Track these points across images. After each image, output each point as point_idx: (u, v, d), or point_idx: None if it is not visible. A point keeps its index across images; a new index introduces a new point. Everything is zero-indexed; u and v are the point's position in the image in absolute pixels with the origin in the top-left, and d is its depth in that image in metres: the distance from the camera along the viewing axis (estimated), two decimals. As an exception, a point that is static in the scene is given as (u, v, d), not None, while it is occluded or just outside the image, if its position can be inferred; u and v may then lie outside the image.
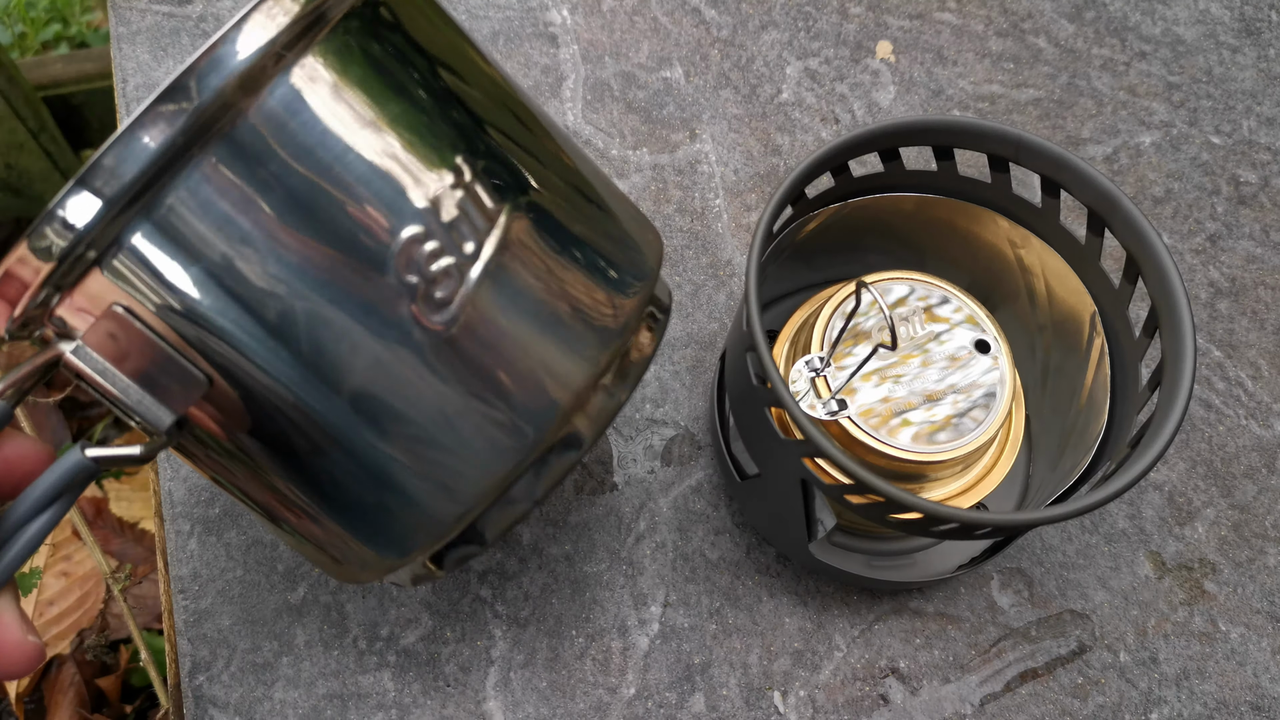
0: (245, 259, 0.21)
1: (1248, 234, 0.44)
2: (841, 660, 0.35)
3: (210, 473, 0.26)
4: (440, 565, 0.26)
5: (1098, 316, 0.33)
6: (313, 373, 0.21)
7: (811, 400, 0.31)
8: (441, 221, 0.21)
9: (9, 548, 0.23)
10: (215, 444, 0.24)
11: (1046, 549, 0.37)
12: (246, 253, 0.21)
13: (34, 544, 0.23)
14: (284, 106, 0.20)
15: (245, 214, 0.20)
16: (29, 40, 0.96)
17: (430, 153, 0.22)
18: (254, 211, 0.20)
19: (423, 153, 0.22)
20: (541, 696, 0.34)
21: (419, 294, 0.21)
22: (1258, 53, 0.48)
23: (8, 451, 0.24)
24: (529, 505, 0.25)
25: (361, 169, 0.21)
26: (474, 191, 0.22)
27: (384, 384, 0.22)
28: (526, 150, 0.24)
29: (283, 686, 0.34)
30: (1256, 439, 0.40)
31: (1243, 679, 0.36)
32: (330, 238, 0.21)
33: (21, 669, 0.23)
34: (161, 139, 0.19)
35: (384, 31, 0.22)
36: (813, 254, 0.37)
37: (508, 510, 0.25)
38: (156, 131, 0.19)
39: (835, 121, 0.45)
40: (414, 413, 0.22)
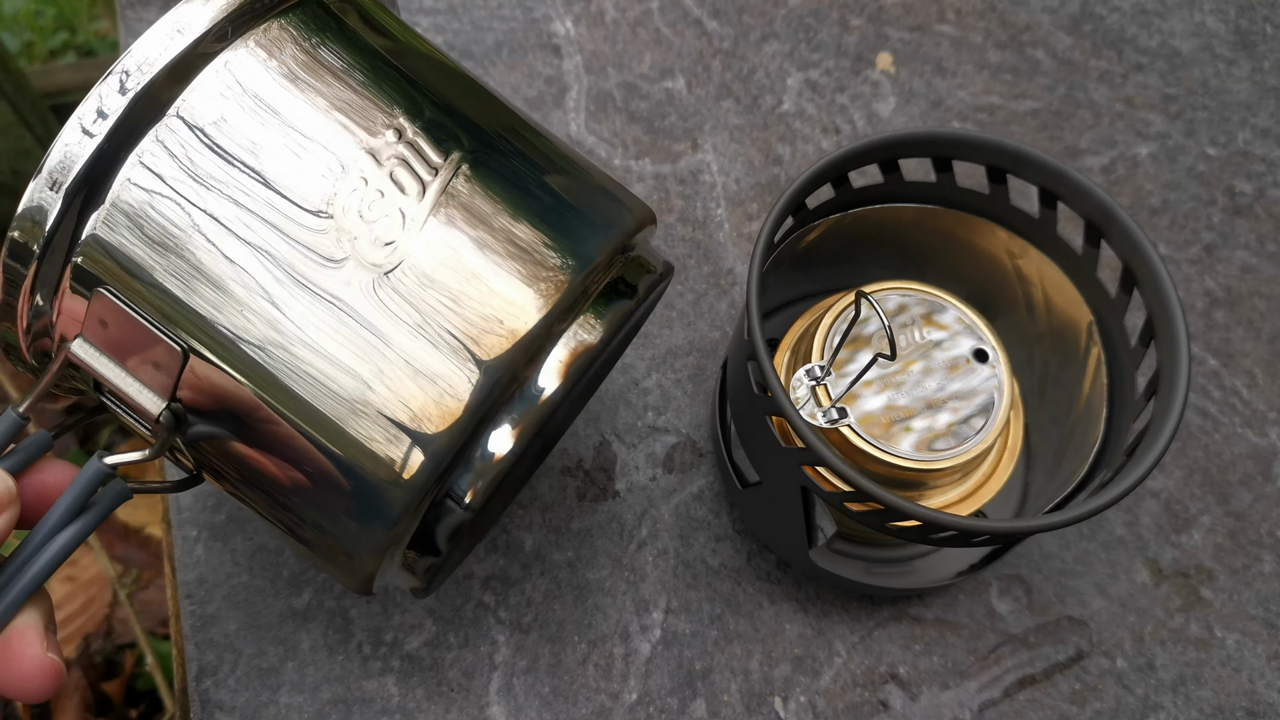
0: (199, 228, 0.22)
1: (1243, 244, 0.44)
2: (842, 666, 0.36)
3: (213, 473, 0.26)
4: (433, 546, 0.25)
5: (1095, 326, 0.33)
6: (271, 327, 0.22)
7: (812, 409, 0.31)
8: (385, 172, 0.23)
9: (35, 560, 0.23)
10: (209, 438, 0.25)
11: (1045, 556, 0.38)
12: (200, 222, 0.22)
13: (61, 556, 0.24)
14: (220, 91, 0.23)
15: (193, 188, 0.22)
16: (36, 48, 0.96)
17: (372, 113, 0.24)
18: (200, 185, 0.22)
19: (364, 115, 0.23)
20: (544, 702, 0.35)
21: (364, 239, 0.23)
22: (1253, 65, 0.48)
23: (46, 477, 0.25)
24: (508, 465, 0.24)
25: (304, 132, 0.23)
26: (417, 145, 0.24)
27: (334, 329, 0.22)
28: (468, 112, 0.26)
29: (288, 691, 0.34)
30: (1252, 447, 0.40)
31: (1238, 685, 0.36)
32: (276, 194, 0.22)
33: (39, 686, 0.23)
34: (106, 128, 0.22)
35: (325, 18, 0.25)
36: (813, 263, 0.38)
37: (484, 470, 0.24)
38: (101, 124, 0.22)
39: (836, 132, 0.46)
40: (367, 355, 0.22)
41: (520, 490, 0.37)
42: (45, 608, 0.24)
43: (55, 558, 0.23)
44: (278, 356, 0.22)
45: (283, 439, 0.23)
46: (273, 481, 0.24)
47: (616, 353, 0.33)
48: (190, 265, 0.22)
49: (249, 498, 0.26)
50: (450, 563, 0.28)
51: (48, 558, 0.23)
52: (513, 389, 0.24)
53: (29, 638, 0.23)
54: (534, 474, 0.38)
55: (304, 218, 0.23)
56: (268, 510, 0.26)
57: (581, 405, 0.36)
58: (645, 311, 0.29)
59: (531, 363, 0.24)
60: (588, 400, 0.38)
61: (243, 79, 0.23)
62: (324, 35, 0.24)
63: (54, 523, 0.23)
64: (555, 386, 0.24)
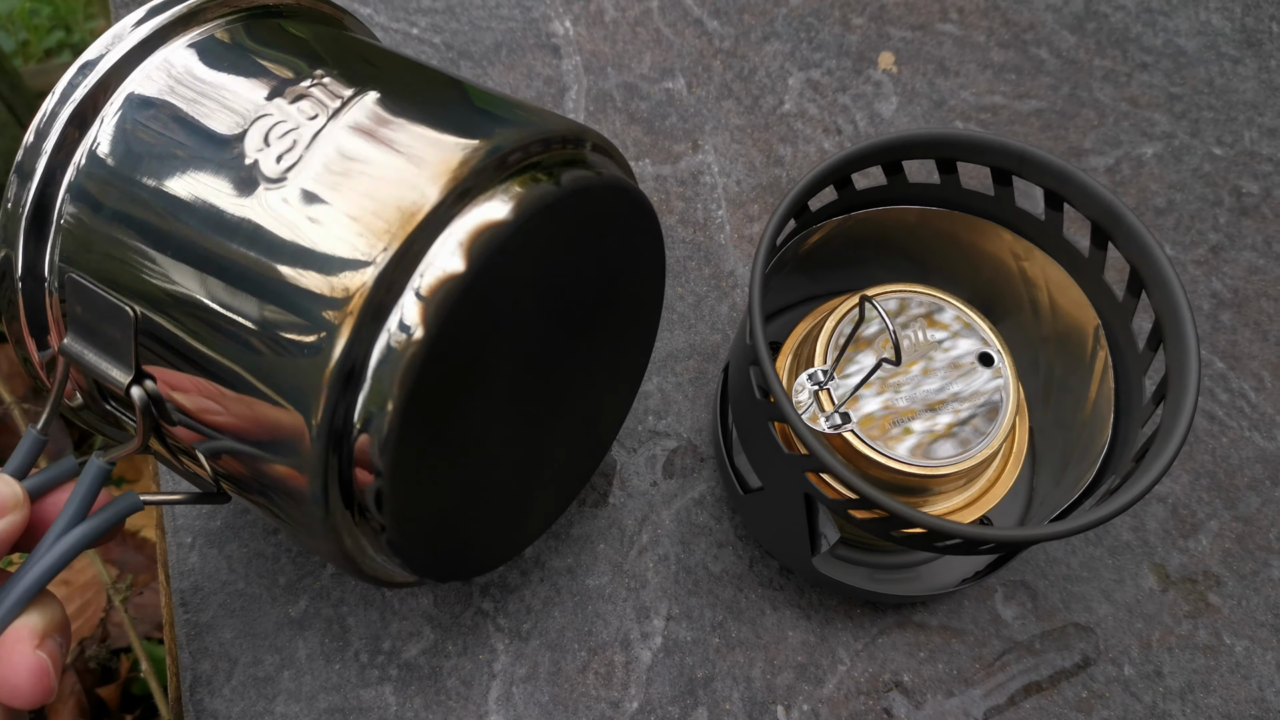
0: (140, 194, 0.24)
1: (1250, 245, 0.44)
2: (845, 674, 0.35)
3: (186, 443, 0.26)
4: (369, 464, 0.24)
5: (1101, 330, 0.33)
6: (197, 257, 0.24)
7: (815, 414, 0.31)
8: (294, 108, 0.24)
9: (38, 562, 0.23)
10: (176, 409, 0.25)
11: (1050, 562, 0.37)
12: (141, 188, 0.24)
13: (66, 558, 0.24)
14: (156, 75, 0.26)
15: (134, 160, 0.25)
16: (32, 47, 0.96)
17: (290, 69, 0.26)
18: (140, 156, 0.25)
19: (281, 71, 0.25)
20: (544, 710, 0.34)
21: (266, 158, 0.24)
22: (1259, 64, 0.48)
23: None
24: (422, 349, 0.22)
25: (227, 93, 0.25)
26: (326, 84, 0.25)
27: (251, 238, 0.23)
28: (387, 65, 0.27)
29: (284, 700, 0.34)
30: (1260, 451, 0.39)
31: (1248, 692, 0.35)
32: (199, 144, 0.24)
33: (26, 688, 0.23)
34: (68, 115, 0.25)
35: (250, 22, 0.27)
36: (815, 266, 0.37)
37: (395, 357, 0.22)
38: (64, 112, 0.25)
39: (838, 132, 0.45)
40: (277, 255, 0.23)
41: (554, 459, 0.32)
42: (51, 614, 0.24)
43: (58, 559, 0.24)
44: (200, 275, 0.23)
45: (219, 359, 0.24)
46: (225, 412, 0.24)
47: (592, 266, 0.29)
48: (132, 227, 0.24)
49: (201, 425, 0.25)
50: (412, 501, 0.25)
51: (50, 559, 0.24)
52: (410, 265, 0.23)
53: (22, 636, 0.23)
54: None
55: (220, 155, 0.24)
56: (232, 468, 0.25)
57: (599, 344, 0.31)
58: (593, 215, 0.27)
59: (432, 240, 0.23)
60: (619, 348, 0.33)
61: (176, 63, 0.26)
62: (255, 27, 0.27)
63: (61, 527, 0.24)
64: (459, 265, 0.23)
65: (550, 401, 0.30)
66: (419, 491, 0.25)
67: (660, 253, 0.32)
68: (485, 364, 0.25)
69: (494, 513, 0.30)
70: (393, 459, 0.23)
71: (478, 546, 0.30)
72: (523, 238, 0.24)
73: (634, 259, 0.30)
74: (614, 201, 0.28)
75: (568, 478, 0.34)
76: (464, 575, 0.31)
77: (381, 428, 0.22)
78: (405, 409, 0.23)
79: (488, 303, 0.24)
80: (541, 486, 0.32)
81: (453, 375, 0.24)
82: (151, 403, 0.25)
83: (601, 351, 0.32)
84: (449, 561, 0.29)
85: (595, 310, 0.30)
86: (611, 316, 0.31)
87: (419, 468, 0.25)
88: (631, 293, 0.32)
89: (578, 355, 0.30)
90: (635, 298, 0.32)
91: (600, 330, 0.31)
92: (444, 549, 0.28)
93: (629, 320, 0.32)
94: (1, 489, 0.24)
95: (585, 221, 0.27)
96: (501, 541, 0.32)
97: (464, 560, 0.30)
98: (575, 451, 0.34)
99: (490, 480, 0.29)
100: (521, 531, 0.33)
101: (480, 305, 0.24)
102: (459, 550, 0.29)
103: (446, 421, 0.25)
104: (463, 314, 0.23)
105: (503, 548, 0.32)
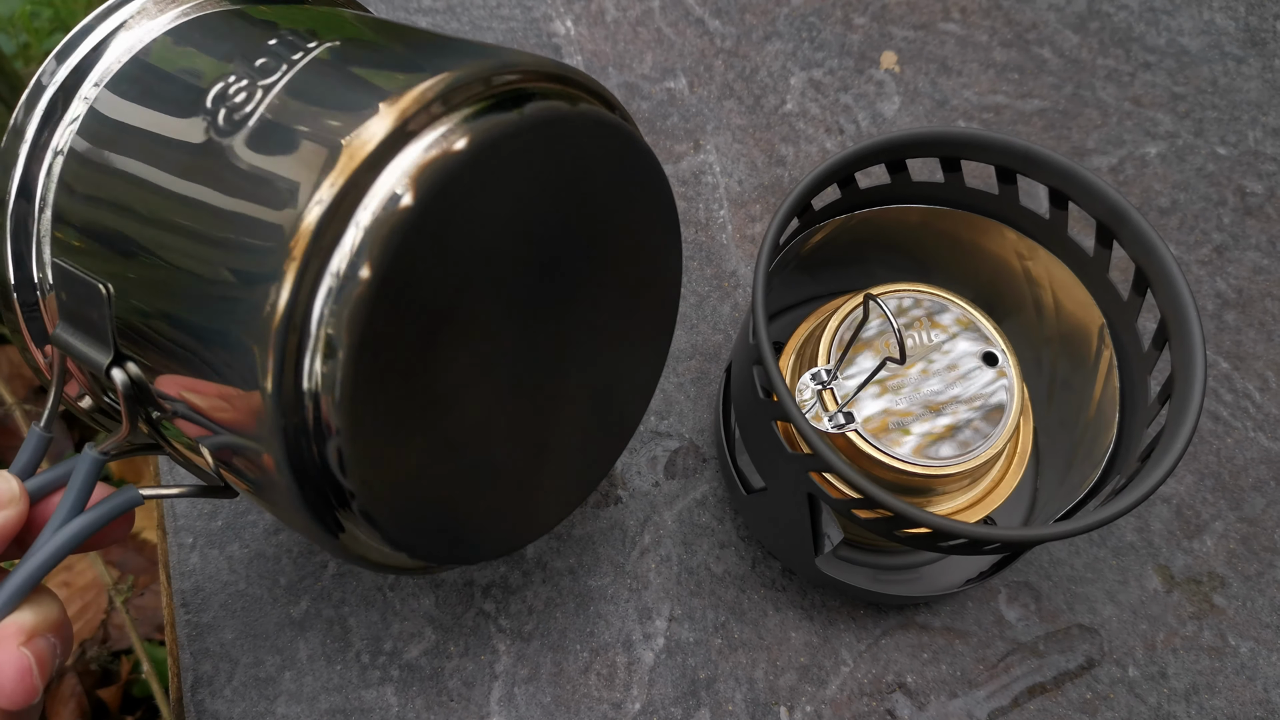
0: (110, 163, 0.24)
1: (1254, 245, 0.43)
2: (848, 675, 0.35)
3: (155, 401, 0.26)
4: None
5: (1106, 329, 0.32)
6: (157, 224, 0.23)
7: (818, 413, 0.31)
8: (252, 65, 0.24)
9: (34, 554, 0.23)
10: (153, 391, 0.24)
11: (1054, 563, 0.37)
12: (111, 156, 0.24)
13: (63, 551, 0.24)
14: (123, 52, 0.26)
15: (110, 138, 0.25)
16: (33, 50, 0.96)
17: (256, 33, 0.25)
18: (110, 129, 0.25)
19: (248, 38, 0.25)
20: (546, 712, 0.34)
21: (221, 115, 0.24)
22: (1263, 63, 0.48)
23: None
24: (370, 289, 0.21)
25: (190, 65, 0.25)
26: (286, 40, 0.25)
27: (201, 194, 0.23)
28: (338, 19, 0.27)
29: (285, 701, 0.34)
30: (1265, 451, 0.39)
31: (1253, 694, 0.35)
32: (161, 117, 0.24)
33: (8, 685, 0.22)
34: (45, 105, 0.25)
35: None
36: (818, 266, 0.37)
37: (343, 300, 0.21)
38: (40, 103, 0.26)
39: (840, 132, 0.45)
40: (225, 208, 0.22)
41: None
42: (45, 613, 0.24)
43: (52, 553, 0.23)
44: (158, 239, 0.23)
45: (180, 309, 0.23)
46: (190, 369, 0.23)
47: (582, 201, 0.27)
48: (101, 203, 0.24)
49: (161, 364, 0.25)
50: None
51: (45, 553, 0.23)
52: (356, 201, 0.21)
53: (8, 633, 0.22)
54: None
55: (179, 120, 0.24)
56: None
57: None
58: (573, 153, 0.25)
59: (378, 175, 0.21)
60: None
61: (152, 46, 0.26)
62: (229, 14, 0.27)
63: (57, 522, 0.24)
64: (406, 197, 0.21)
65: (548, 370, 0.28)
66: (389, 454, 0.23)
67: (667, 205, 0.29)
68: (456, 315, 0.23)
69: (490, 489, 0.28)
70: (349, 413, 0.21)
71: (474, 526, 0.28)
72: (480, 171, 0.22)
73: (633, 210, 0.28)
74: (596, 138, 0.25)
75: (584, 462, 0.32)
76: (464, 558, 0.28)
77: (335, 379, 0.21)
78: (357, 356, 0.21)
79: (445, 243, 0.22)
80: (551, 467, 0.30)
81: (412, 322, 0.22)
82: (134, 384, 0.24)
83: (608, 319, 0.29)
84: (439, 539, 0.27)
85: (592, 269, 0.27)
86: (614, 278, 0.29)
87: (385, 426, 0.23)
88: (637, 252, 0.29)
89: (577, 321, 0.28)
90: (643, 258, 0.29)
91: (602, 293, 0.28)
92: (428, 523, 0.26)
93: (639, 286, 0.30)
94: (0, 483, 0.24)
95: (563, 160, 0.25)
96: (505, 524, 0.29)
97: (460, 541, 0.27)
98: (590, 433, 0.31)
99: (480, 450, 0.26)
100: (531, 516, 0.30)
101: (436, 244, 0.22)
102: (449, 527, 0.27)
103: (412, 375, 0.23)
104: (414, 251, 0.21)
105: (509, 532, 0.30)
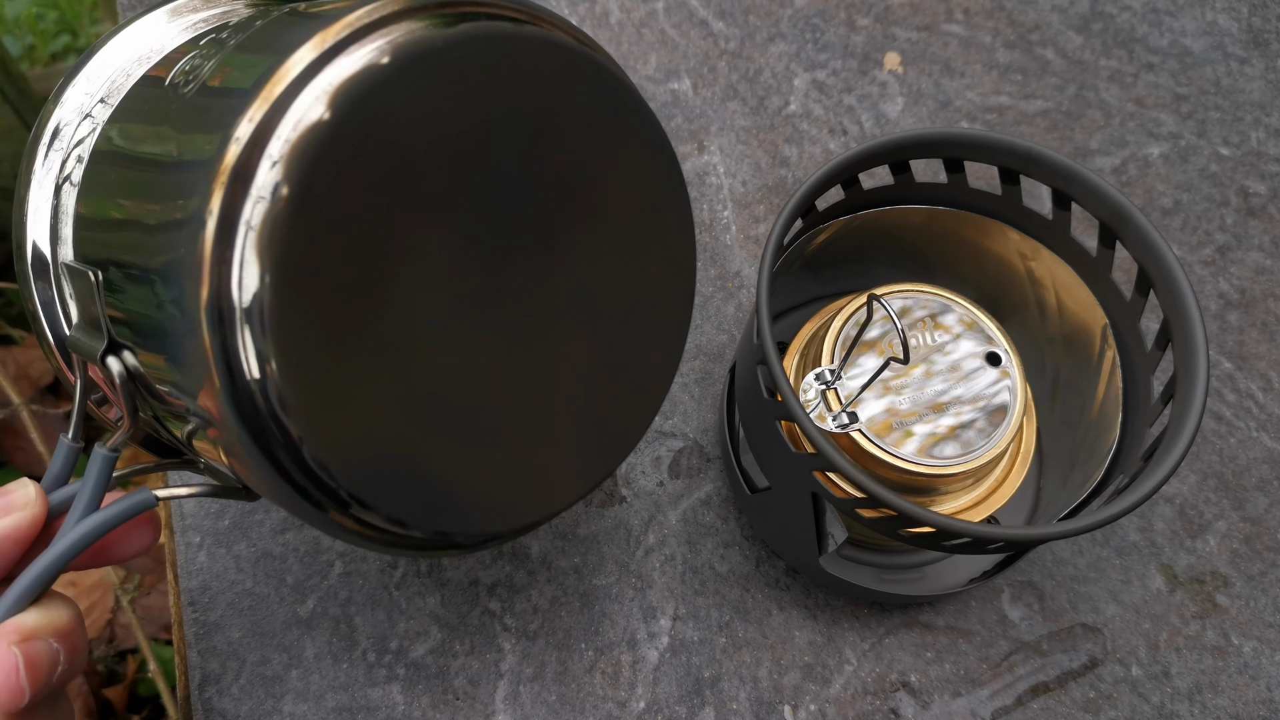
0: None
1: (1257, 245, 0.44)
2: (852, 674, 0.35)
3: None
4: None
5: (1109, 329, 0.33)
6: (124, 196, 0.24)
7: (822, 413, 0.31)
8: (219, 37, 0.26)
9: (45, 554, 0.23)
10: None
11: (1057, 562, 0.37)
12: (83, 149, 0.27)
13: (73, 551, 0.23)
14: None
15: (110, 136, 0.26)
16: (38, 52, 0.96)
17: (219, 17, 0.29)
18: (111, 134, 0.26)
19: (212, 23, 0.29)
20: (551, 710, 0.34)
21: (182, 81, 0.25)
22: (1266, 64, 0.48)
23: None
24: (289, 206, 0.21)
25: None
26: (256, 11, 0.27)
27: (156, 152, 0.24)
28: None
29: (292, 699, 0.34)
30: (1268, 451, 0.39)
31: (1256, 693, 0.35)
32: (146, 97, 0.26)
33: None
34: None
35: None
36: (822, 266, 0.37)
37: (264, 220, 0.21)
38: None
39: (843, 133, 0.45)
40: (168, 156, 0.23)
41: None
42: (50, 616, 0.23)
43: (66, 550, 0.23)
44: (121, 211, 0.24)
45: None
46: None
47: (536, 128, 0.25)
48: (90, 196, 0.26)
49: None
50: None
51: (57, 550, 0.23)
52: (277, 121, 0.21)
53: (4, 632, 0.22)
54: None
55: (153, 96, 0.26)
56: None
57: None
58: (527, 79, 0.24)
59: (299, 94, 0.21)
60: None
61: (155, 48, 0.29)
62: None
63: (72, 522, 0.24)
64: (323, 113, 0.21)
65: (540, 328, 0.26)
66: (337, 395, 0.22)
67: (659, 146, 0.27)
68: (396, 243, 0.22)
69: (477, 451, 0.25)
70: (278, 339, 0.20)
71: (459, 491, 0.25)
72: (404, 85, 0.21)
73: (616, 151, 0.26)
74: (550, 61, 0.24)
75: (598, 438, 0.28)
76: (454, 527, 0.25)
77: (263, 301, 0.20)
78: (280, 275, 0.20)
79: (370, 159, 0.21)
80: (555, 438, 0.27)
81: (343, 244, 0.21)
82: (130, 375, 0.23)
83: (608, 275, 0.27)
84: (412, 499, 0.24)
85: (578, 216, 0.26)
86: (607, 229, 0.27)
87: (327, 361, 0.22)
88: (631, 201, 0.27)
89: (567, 274, 0.26)
90: (639, 209, 0.27)
91: (594, 245, 0.26)
92: (397, 479, 0.24)
93: (642, 242, 0.28)
94: (16, 488, 0.24)
95: (512, 83, 0.24)
96: (501, 496, 0.26)
97: (442, 506, 0.25)
98: (604, 407, 0.28)
99: (459, 405, 0.24)
100: (534, 491, 0.27)
101: (359, 159, 0.21)
102: (425, 487, 0.24)
103: (355, 308, 0.22)
104: (334, 166, 0.21)
105: (506, 505, 0.27)
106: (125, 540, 0.26)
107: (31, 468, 0.75)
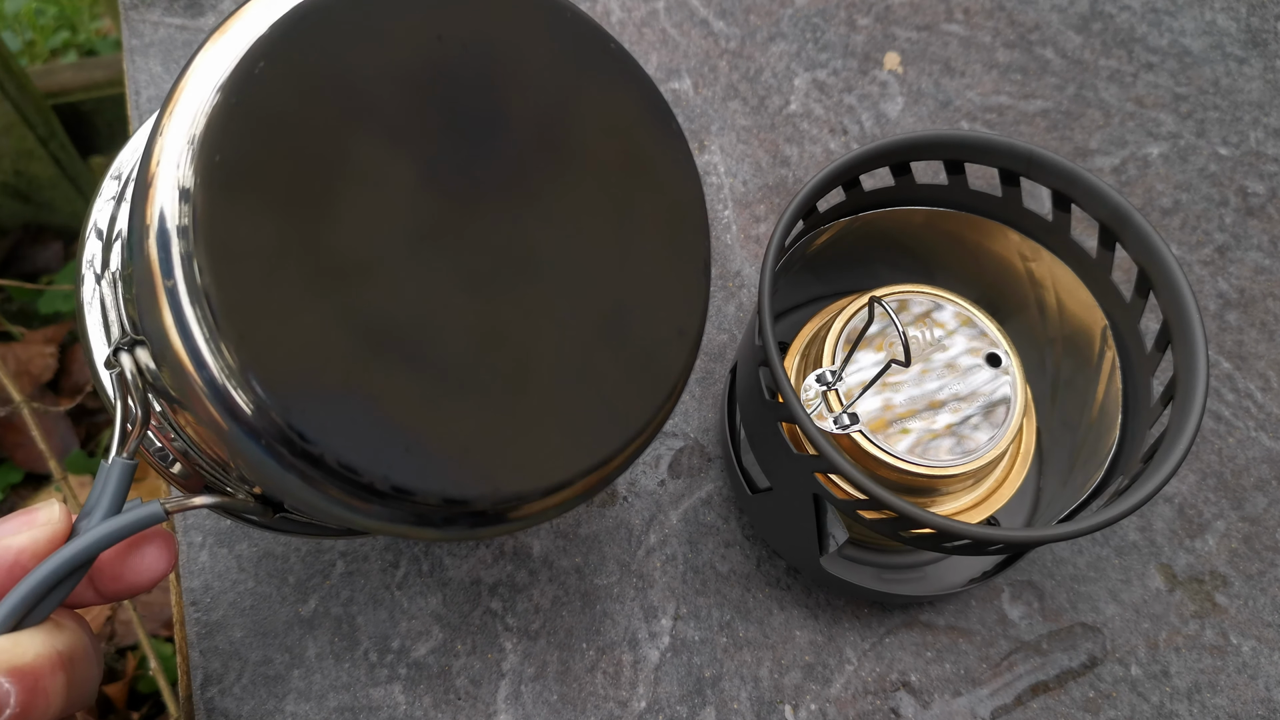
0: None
1: (1256, 245, 0.44)
2: (852, 674, 0.35)
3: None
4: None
5: (1109, 330, 0.33)
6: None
7: (822, 414, 0.31)
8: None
9: (48, 560, 0.22)
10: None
11: (1057, 562, 0.37)
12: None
13: (82, 554, 0.22)
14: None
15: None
16: (38, 47, 0.96)
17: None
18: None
19: None
20: (552, 710, 0.34)
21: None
22: (1265, 64, 0.48)
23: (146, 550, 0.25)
24: (222, 102, 0.21)
25: None
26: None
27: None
28: None
29: (294, 699, 0.34)
30: (1267, 451, 0.40)
31: (1255, 693, 0.36)
32: None
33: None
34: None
35: None
36: (823, 267, 0.37)
37: (209, 113, 0.21)
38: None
39: (844, 133, 0.45)
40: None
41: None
42: (65, 638, 0.22)
43: (69, 557, 0.22)
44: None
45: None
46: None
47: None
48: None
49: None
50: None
51: (60, 557, 0.22)
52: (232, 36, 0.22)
53: (14, 650, 0.21)
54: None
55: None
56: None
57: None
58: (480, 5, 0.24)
59: (249, 12, 0.22)
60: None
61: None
62: None
63: (92, 522, 0.23)
64: (265, 26, 0.21)
65: (514, 272, 0.24)
66: (275, 314, 0.20)
67: (645, 93, 0.26)
68: (356, 171, 0.22)
69: (442, 397, 0.23)
70: (208, 246, 0.19)
71: (421, 437, 0.22)
72: (345, 9, 0.22)
73: (594, 94, 0.25)
74: (523, 3, 0.24)
75: (594, 404, 0.25)
76: (418, 478, 0.22)
77: (195, 207, 0.20)
78: (210, 178, 0.20)
79: (309, 73, 0.21)
80: (540, 399, 0.24)
81: (286, 153, 0.21)
82: (141, 372, 0.22)
83: (594, 225, 0.25)
84: (364, 438, 0.21)
85: (554, 161, 0.25)
86: (590, 176, 0.25)
87: (263, 276, 0.20)
88: (616, 149, 0.26)
89: (545, 218, 0.25)
90: (627, 158, 0.26)
91: (575, 191, 0.25)
92: (346, 414, 0.21)
93: (632, 192, 0.26)
94: (42, 507, 0.23)
95: (480, 20, 0.23)
96: (475, 452, 0.23)
97: (402, 450, 0.22)
98: (594, 368, 0.25)
99: (415, 340, 0.22)
100: (514, 454, 0.24)
101: (295, 72, 0.21)
102: (381, 428, 0.22)
103: (295, 220, 0.21)
104: (271, 76, 0.21)
105: (480, 464, 0.23)
106: (138, 565, 0.24)
107: (31, 465, 0.75)
